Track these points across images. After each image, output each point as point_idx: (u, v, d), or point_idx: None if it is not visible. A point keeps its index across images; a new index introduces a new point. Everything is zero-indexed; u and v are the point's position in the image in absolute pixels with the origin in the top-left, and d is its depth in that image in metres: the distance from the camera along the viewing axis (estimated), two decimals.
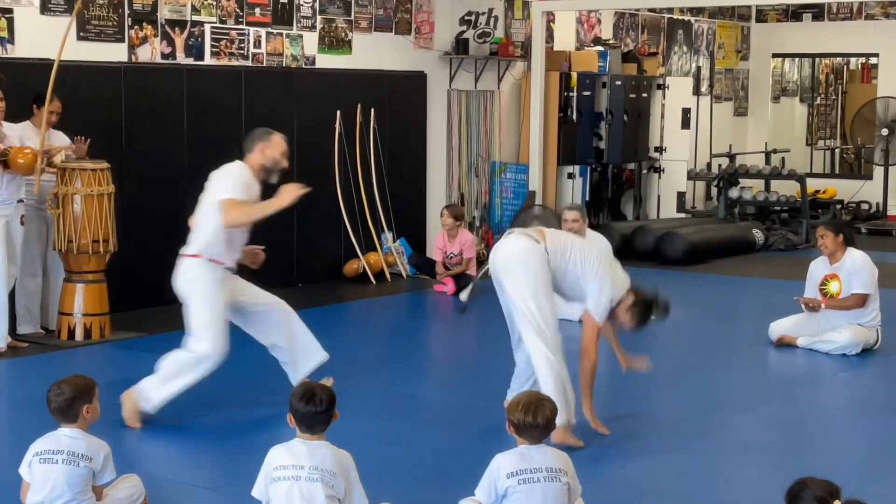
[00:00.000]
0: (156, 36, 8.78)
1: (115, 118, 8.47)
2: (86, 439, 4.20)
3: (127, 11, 8.54)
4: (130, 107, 8.56)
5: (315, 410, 3.91)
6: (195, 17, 9.07)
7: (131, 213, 8.42)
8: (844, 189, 15.27)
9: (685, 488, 5.00)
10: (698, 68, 15.08)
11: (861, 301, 7.48)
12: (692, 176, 14.15)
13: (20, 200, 7.40)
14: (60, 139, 7.67)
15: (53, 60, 7.26)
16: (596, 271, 5.48)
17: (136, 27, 8.64)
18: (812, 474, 3.38)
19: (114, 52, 8.50)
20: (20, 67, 7.81)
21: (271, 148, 5.76)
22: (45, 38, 7.90)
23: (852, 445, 5.70)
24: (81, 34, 8.27)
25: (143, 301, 8.55)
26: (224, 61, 9.32)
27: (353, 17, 10.38)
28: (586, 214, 8.80)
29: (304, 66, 9.97)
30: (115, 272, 7.92)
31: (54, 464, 4.13)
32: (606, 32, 13.53)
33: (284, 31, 9.81)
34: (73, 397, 4.20)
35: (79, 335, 7.51)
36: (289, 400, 3.96)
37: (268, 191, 5.78)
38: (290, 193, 5.61)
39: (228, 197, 5.59)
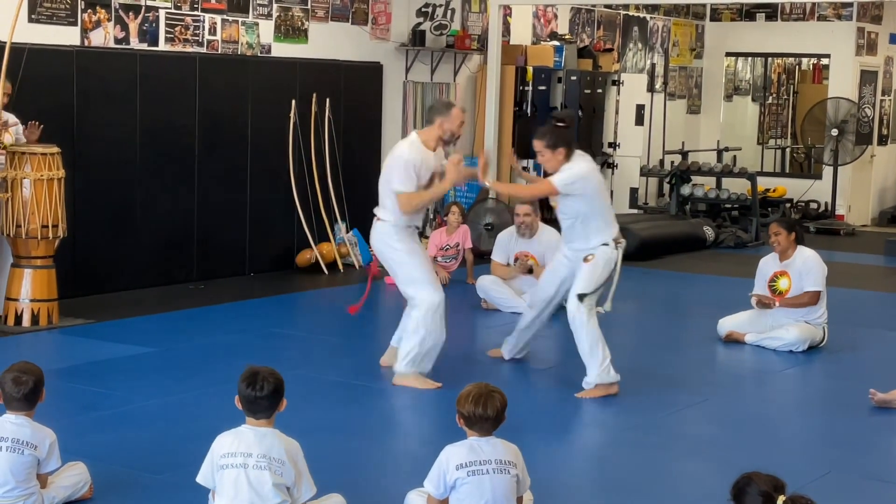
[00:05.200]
0: (109, 20, 8.68)
1: (67, 103, 8.37)
2: (31, 426, 4.14)
3: None
4: (82, 91, 8.45)
5: (255, 395, 3.88)
6: (150, 2, 8.97)
7: (81, 199, 8.34)
8: (794, 188, 15.45)
9: (632, 481, 5.04)
10: (653, 65, 15.17)
11: (814, 298, 7.55)
12: (645, 172, 14.24)
13: None
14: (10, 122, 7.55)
15: (4, 42, 7.14)
16: None
17: (89, 10, 8.53)
18: (758, 469, 3.42)
19: (66, 36, 8.39)
20: None
21: (449, 122, 6.25)
22: None
23: (798, 441, 5.77)
24: (33, 16, 8.15)
25: (92, 287, 8.48)
26: (178, 47, 9.23)
27: (309, 6, 10.32)
28: (538, 209, 8.84)
29: (259, 55, 9.90)
30: (65, 258, 7.84)
31: None
32: (563, 27, 13.57)
33: (240, 19, 9.74)
34: (36, 383, 4.15)
35: (26, 321, 7.42)
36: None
37: None
38: (455, 174, 6.21)
39: (400, 190, 6.17)
